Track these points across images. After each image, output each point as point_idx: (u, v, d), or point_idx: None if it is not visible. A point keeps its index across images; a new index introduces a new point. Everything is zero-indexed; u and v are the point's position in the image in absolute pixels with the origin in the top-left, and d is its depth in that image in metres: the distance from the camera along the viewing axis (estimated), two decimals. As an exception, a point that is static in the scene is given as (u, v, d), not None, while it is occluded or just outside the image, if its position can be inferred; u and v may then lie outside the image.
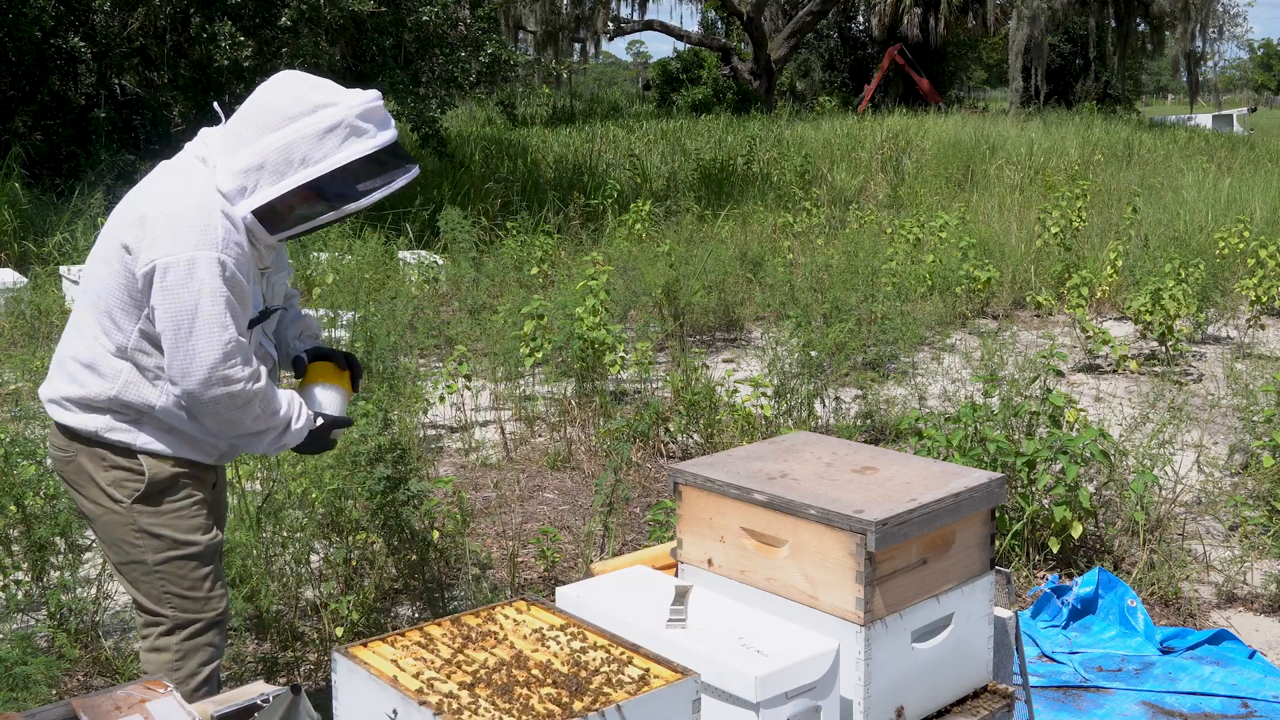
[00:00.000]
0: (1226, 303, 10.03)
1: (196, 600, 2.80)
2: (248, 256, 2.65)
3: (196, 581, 2.80)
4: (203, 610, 2.81)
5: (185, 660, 2.79)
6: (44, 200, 11.63)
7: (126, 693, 2.15)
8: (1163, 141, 22.30)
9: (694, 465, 2.54)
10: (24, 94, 12.94)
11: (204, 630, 2.81)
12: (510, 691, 1.87)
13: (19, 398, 6.44)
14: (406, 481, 4.38)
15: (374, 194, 2.67)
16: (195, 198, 2.61)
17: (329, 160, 2.59)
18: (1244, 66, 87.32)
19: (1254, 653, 4.19)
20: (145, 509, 2.74)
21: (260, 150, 2.60)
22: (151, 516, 2.75)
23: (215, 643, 2.84)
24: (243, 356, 2.61)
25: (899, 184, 16.64)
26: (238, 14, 12.32)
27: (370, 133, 2.63)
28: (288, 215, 2.67)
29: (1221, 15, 36.73)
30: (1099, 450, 4.89)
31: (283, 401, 2.74)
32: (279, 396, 2.73)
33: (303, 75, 2.70)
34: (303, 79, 2.68)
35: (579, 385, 7.09)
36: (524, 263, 10.26)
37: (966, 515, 2.38)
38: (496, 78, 15.99)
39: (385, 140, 2.65)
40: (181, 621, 2.80)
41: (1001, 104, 36.65)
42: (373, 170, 2.65)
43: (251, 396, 2.63)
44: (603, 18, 33.01)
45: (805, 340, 7.03)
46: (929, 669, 2.34)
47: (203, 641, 2.82)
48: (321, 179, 2.61)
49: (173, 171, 2.72)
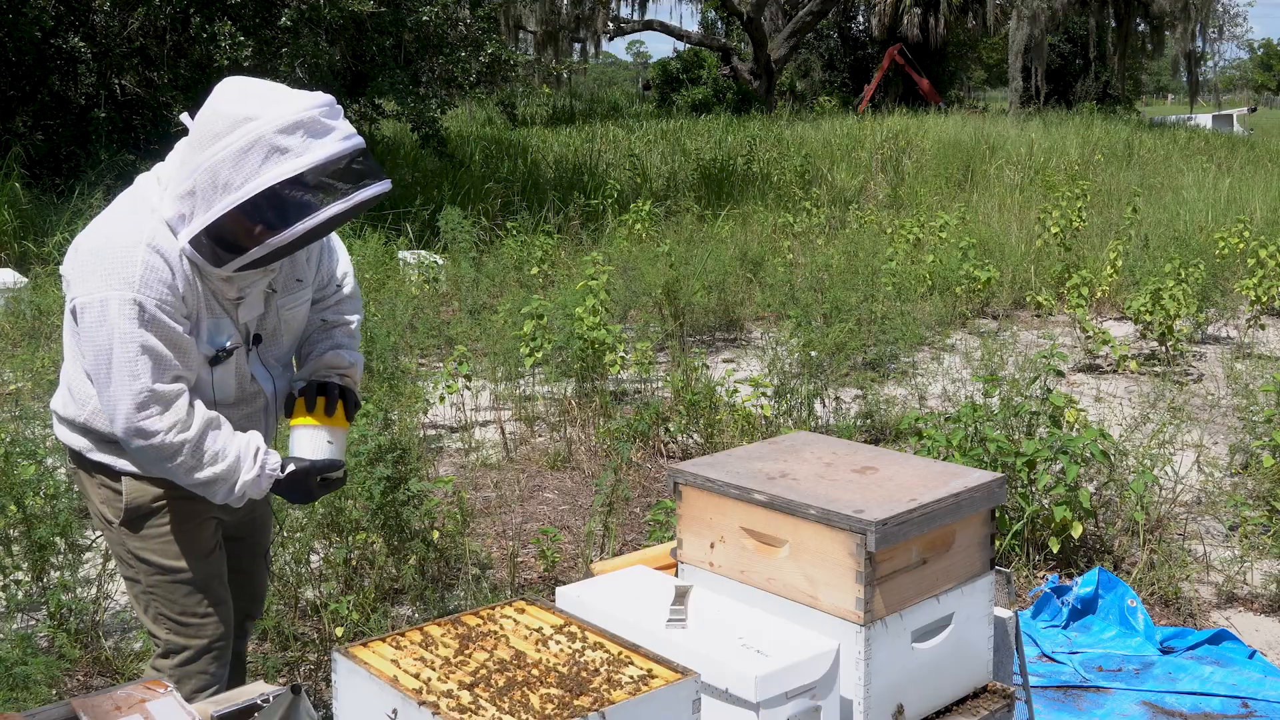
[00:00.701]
0: (1226, 303, 10.03)
1: (188, 626, 2.68)
2: (183, 293, 2.41)
3: (187, 607, 2.67)
4: (194, 637, 2.69)
5: (180, 685, 2.68)
6: (44, 200, 11.63)
7: (126, 693, 2.15)
8: (1163, 141, 22.30)
9: (694, 465, 2.54)
10: (24, 94, 12.95)
11: (195, 658, 2.69)
12: (510, 691, 1.87)
13: (19, 398, 6.44)
14: (406, 481, 4.38)
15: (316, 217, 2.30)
16: (122, 234, 2.40)
17: (249, 185, 2.27)
18: (1244, 66, 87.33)
19: (1254, 653, 4.19)
20: (129, 533, 2.64)
21: (191, 173, 2.34)
22: (137, 540, 2.64)
23: (210, 670, 2.70)
24: (161, 406, 2.39)
25: (899, 184, 16.64)
26: (238, 14, 12.32)
27: (293, 151, 2.27)
28: (231, 245, 2.36)
29: (1221, 15, 36.82)
30: (1099, 450, 4.89)
31: (230, 450, 2.48)
32: (223, 443, 2.47)
33: (244, 82, 2.40)
34: (242, 86, 2.38)
35: (579, 385, 7.10)
36: (524, 263, 10.26)
37: (966, 515, 2.38)
38: (496, 78, 15.99)
39: (315, 160, 2.28)
40: (175, 646, 2.69)
41: (1001, 104, 36.67)
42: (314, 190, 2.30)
43: (175, 448, 2.41)
44: (603, 18, 33.04)
45: (806, 340, 7.04)
46: (929, 669, 2.34)
47: (195, 669, 2.69)
48: (245, 206, 2.29)
49: (121, 198, 2.52)
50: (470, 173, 15.62)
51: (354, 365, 2.77)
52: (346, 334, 2.81)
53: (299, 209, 2.29)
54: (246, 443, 2.52)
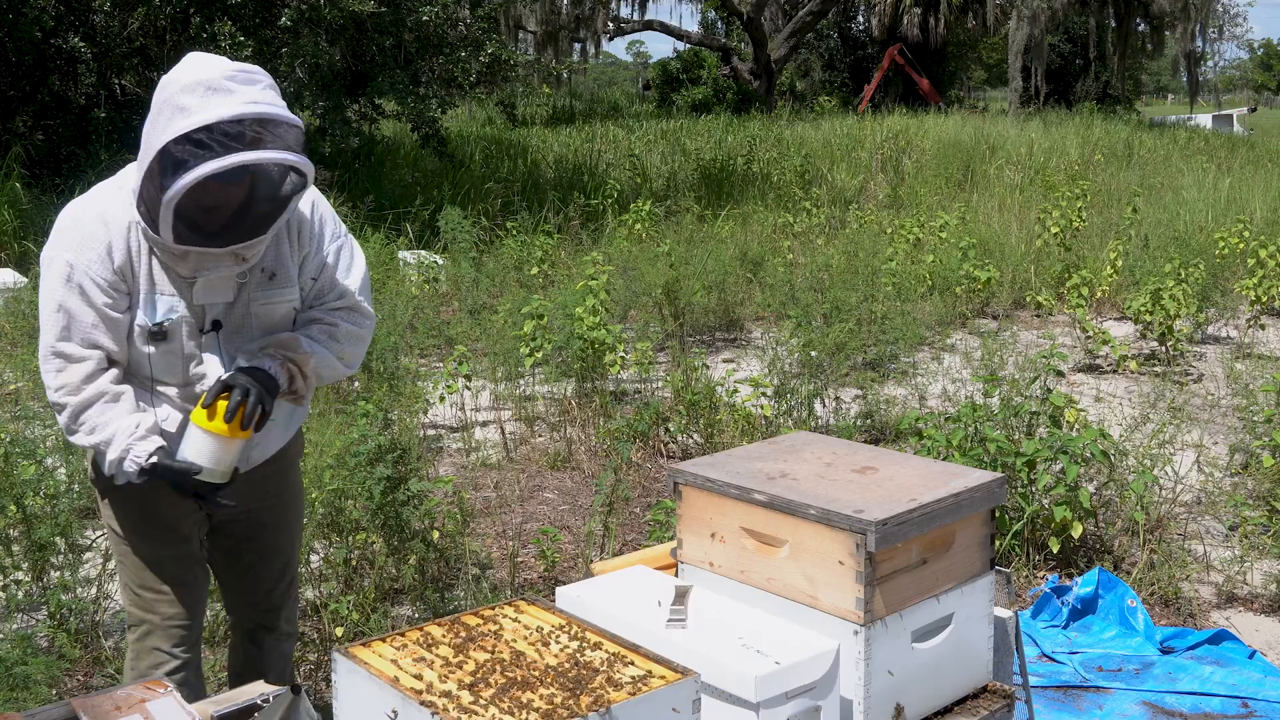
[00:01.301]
0: (1226, 303, 10.03)
1: (142, 599, 2.69)
2: (119, 263, 2.45)
3: (144, 581, 2.68)
4: (148, 611, 2.69)
5: (137, 661, 2.71)
6: (44, 200, 11.63)
7: (126, 693, 2.15)
8: (1163, 141, 22.30)
9: (694, 465, 2.54)
10: (24, 94, 12.95)
11: (148, 634, 2.69)
12: (510, 692, 1.86)
13: (19, 398, 6.44)
14: (406, 481, 4.38)
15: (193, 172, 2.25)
16: (82, 203, 2.51)
17: (155, 145, 2.30)
18: (1244, 66, 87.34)
19: (1254, 653, 4.19)
20: (99, 495, 2.71)
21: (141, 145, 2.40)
22: (105, 504, 2.70)
23: (164, 649, 2.69)
24: (60, 363, 2.47)
25: (899, 184, 16.64)
26: (238, 14, 12.32)
27: (190, 109, 2.27)
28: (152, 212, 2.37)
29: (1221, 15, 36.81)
30: (1099, 450, 4.89)
31: (109, 427, 2.47)
32: (106, 419, 2.47)
33: (192, 56, 2.41)
34: (186, 60, 2.40)
35: (579, 385, 7.10)
36: (524, 263, 10.26)
37: (966, 515, 2.38)
38: (496, 78, 15.98)
39: (206, 118, 2.25)
40: (133, 619, 2.72)
41: (1001, 104, 36.66)
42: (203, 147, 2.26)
43: (59, 407, 2.49)
44: (603, 18, 33.03)
45: (806, 340, 7.03)
46: (929, 669, 2.34)
47: (148, 645, 2.69)
48: (152, 165, 2.31)
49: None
50: (470, 173, 15.62)
51: (309, 355, 2.61)
52: (323, 328, 2.68)
53: (184, 165, 2.27)
54: (129, 425, 2.47)
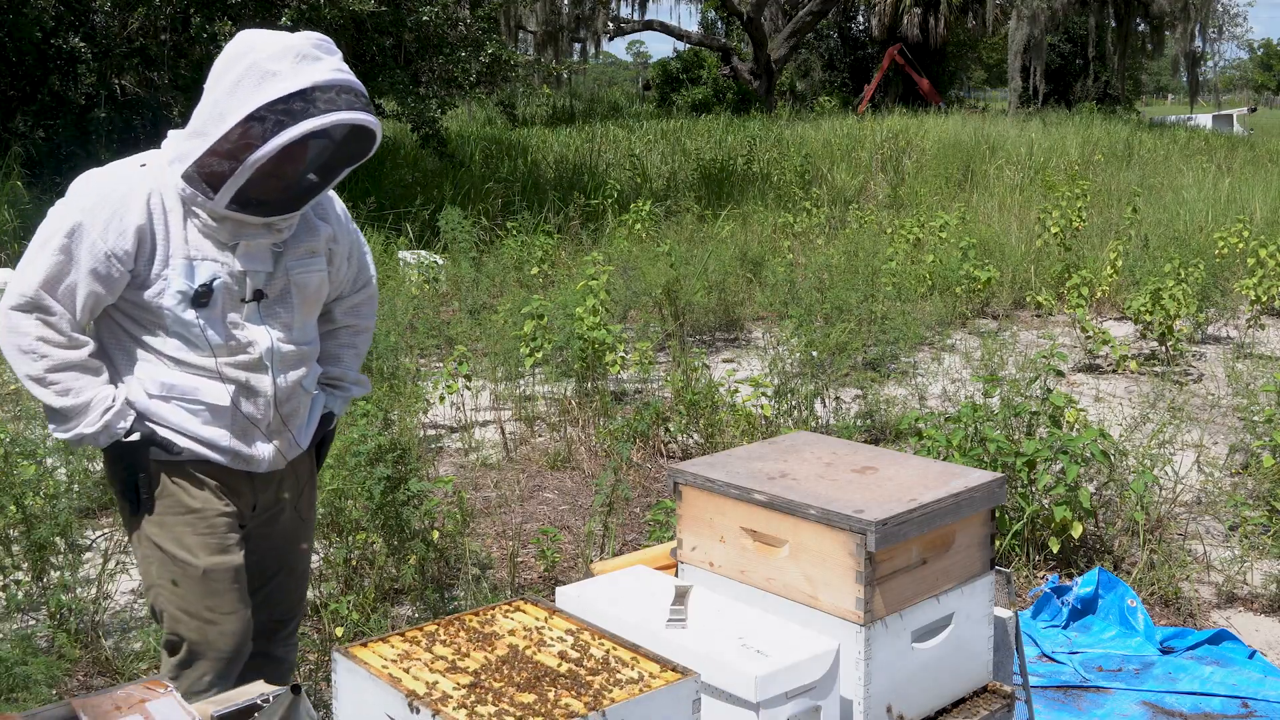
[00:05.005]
0: (1226, 303, 10.03)
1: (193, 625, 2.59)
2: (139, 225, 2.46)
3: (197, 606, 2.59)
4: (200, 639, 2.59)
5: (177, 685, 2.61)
6: (44, 200, 11.56)
7: (126, 693, 2.15)
8: (1163, 141, 22.29)
9: (694, 465, 2.54)
10: (24, 94, 12.94)
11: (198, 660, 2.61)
12: (510, 692, 1.86)
13: (19, 398, 6.44)
14: (406, 481, 4.38)
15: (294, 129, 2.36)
16: (103, 170, 2.55)
17: (242, 108, 2.37)
18: (1244, 66, 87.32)
19: (1254, 653, 4.19)
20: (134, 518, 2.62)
21: (199, 114, 2.45)
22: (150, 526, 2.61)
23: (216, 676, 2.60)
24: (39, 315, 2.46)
25: (899, 184, 16.63)
26: (238, 14, 12.32)
27: (282, 74, 2.37)
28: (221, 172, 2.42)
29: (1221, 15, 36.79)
30: (1099, 450, 4.89)
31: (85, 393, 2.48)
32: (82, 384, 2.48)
33: (252, 31, 2.50)
34: (247, 34, 2.48)
35: (579, 385, 7.10)
36: (524, 263, 10.26)
37: (966, 515, 2.38)
38: (496, 78, 15.97)
39: (302, 82, 2.36)
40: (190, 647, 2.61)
41: (1001, 104, 36.64)
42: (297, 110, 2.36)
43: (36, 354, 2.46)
44: (603, 18, 33.01)
45: (808, 340, 7.03)
46: (929, 669, 2.34)
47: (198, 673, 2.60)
48: (237, 129, 2.37)
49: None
50: (470, 173, 15.61)
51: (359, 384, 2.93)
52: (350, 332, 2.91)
53: (280, 125, 2.36)
54: (106, 395, 2.50)
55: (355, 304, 2.92)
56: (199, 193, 2.46)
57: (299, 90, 2.36)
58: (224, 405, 2.57)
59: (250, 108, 2.36)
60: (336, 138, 2.54)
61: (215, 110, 2.41)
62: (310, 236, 2.69)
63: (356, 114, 2.42)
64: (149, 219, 2.48)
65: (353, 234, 2.85)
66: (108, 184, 2.51)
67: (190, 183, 2.46)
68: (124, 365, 2.59)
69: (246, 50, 2.41)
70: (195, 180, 2.45)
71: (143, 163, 2.55)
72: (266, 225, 2.56)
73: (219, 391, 2.57)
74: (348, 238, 2.81)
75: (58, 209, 2.52)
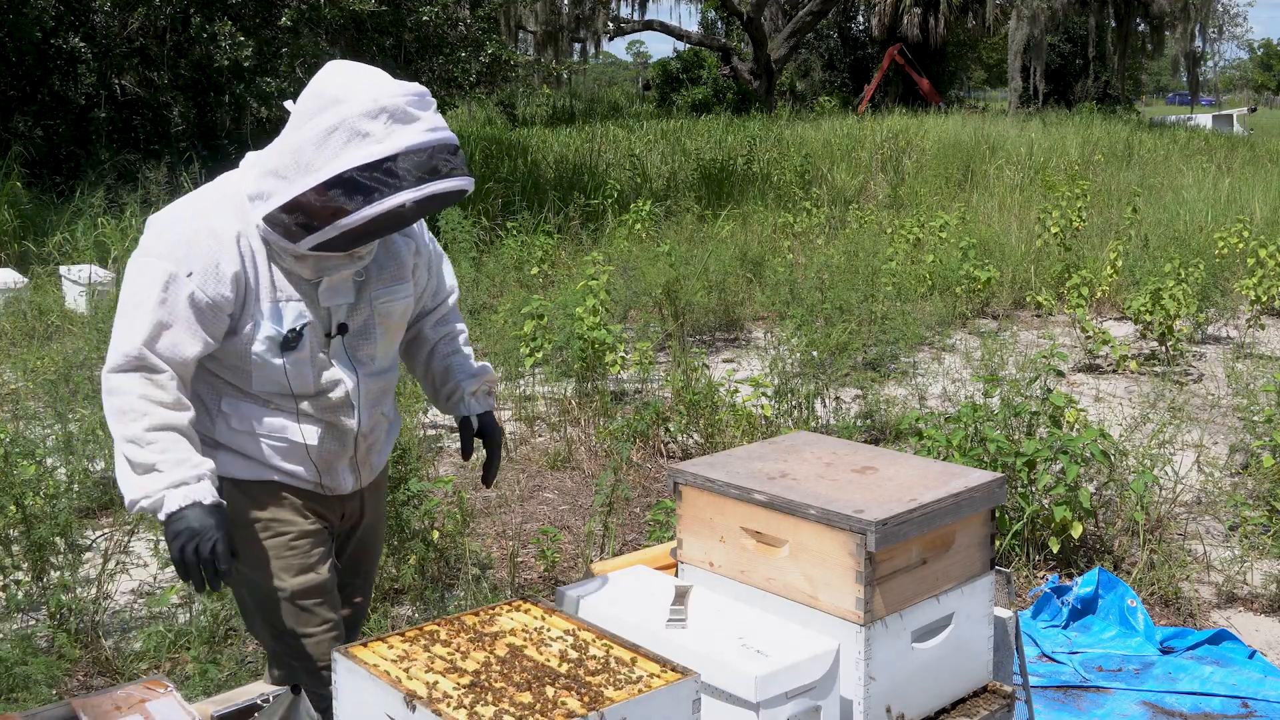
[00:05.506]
0: (1226, 303, 10.03)
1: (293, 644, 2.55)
2: (233, 272, 2.36)
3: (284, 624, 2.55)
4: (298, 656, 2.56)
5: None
6: (44, 200, 11.63)
7: (126, 693, 2.15)
8: (1163, 141, 22.30)
9: (694, 465, 2.54)
10: (24, 94, 12.95)
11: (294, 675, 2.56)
12: (510, 691, 1.86)
13: (19, 398, 6.44)
14: (406, 481, 4.38)
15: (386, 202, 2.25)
16: (181, 207, 2.43)
17: (328, 167, 2.25)
18: (1244, 66, 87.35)
19: (1254, 653, 4.19)
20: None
21: (280, 152, 2.33)
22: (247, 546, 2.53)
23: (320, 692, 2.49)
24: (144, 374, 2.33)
25: (899, 184, 16.64)
26: (238, 14, 12.34)
27: (374, 136, 2.25)
28: (306, 224, 2.32)
29: (1221, 15, 36.81)
30: (1099, 450, 4.89)
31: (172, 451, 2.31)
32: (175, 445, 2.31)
33: (344, 65, 2.38)
34: (341, 68, 2.36)
35: (579, 385, 7.10)
36: (524, 263, 10.26)
37: (966, 515, 2.38)
38: (496, 78, 16.00)
39: (395, 147, 2.24)
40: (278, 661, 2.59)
41: (1001, 104, 36.65)
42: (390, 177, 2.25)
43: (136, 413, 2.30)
44: (603, 18, 33.02)
45: (808, 340, 7.03)
46: (929, 669, 2.34)
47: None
48: (321, 187, 2.26)
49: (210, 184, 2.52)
50: (470, 173, 15.60)
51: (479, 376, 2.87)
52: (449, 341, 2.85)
53: (372, 194, 2.25)
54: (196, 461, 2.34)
55: (441, 315, 2.82)
56: (282, 237, 2.36)
57: (391, 155, 2.25)
58: (312, 444, 2.53)
59: (339, 169, 2.25)
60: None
61: (301, 157, 2.29)
62: (392, 260, 2.60)
63: (451, 182, 2.32)
64: (242, 264, 2.38)
65: (430, 244, 2.74)
66: (192, 227, 2.37)
67: (273, 226, 2.35)
68: (210, 400, 2.51)
69: (340, 97, 2.28)
70: (278, 225, 2.35)
71: (224, 194, 2.43)
72: (349, 255, 2.46)
73: (305, 432, 2.52)
74: (426, 249, 2.71)
75: (142, 263, 2.37)
